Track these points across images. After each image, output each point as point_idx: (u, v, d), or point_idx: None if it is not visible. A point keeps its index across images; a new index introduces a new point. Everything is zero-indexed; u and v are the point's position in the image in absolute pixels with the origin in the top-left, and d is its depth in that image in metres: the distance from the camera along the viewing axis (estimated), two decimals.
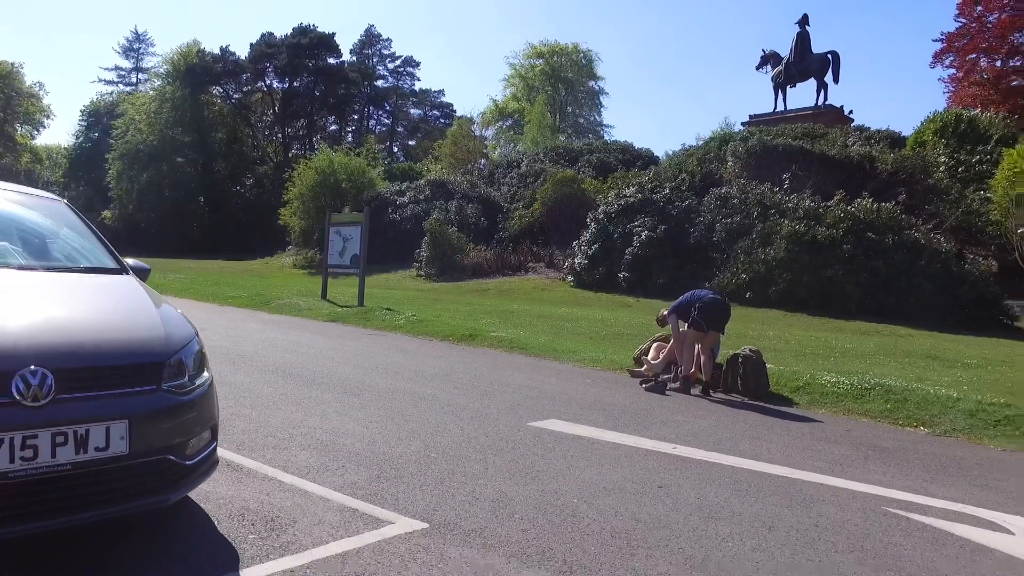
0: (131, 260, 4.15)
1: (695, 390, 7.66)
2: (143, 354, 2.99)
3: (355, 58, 62.94)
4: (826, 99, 28.66)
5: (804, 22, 29.65)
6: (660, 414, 6.53)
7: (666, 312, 8.23)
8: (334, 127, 62.18)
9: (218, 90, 54.12)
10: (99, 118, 54.92)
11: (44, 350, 2.68)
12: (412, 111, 68.36)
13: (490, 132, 57.59)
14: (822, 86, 28.68)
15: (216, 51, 52.75)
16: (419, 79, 68.65)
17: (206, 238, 45.56)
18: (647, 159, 31.93)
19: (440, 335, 11.15)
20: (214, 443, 3.31)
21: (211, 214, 48.98)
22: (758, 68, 31.09)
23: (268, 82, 56.37)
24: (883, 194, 18.47)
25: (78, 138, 57.44)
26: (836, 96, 54.59)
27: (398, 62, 65.98)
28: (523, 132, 50.01)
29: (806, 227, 16.62)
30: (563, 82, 58.51)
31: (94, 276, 3.71)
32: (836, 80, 28.54)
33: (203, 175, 49.46)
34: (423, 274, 23.96)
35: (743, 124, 29.91)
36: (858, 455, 5.45)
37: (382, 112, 66.40)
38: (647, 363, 8.22)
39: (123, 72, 68.20)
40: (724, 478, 4.63)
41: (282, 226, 32.72)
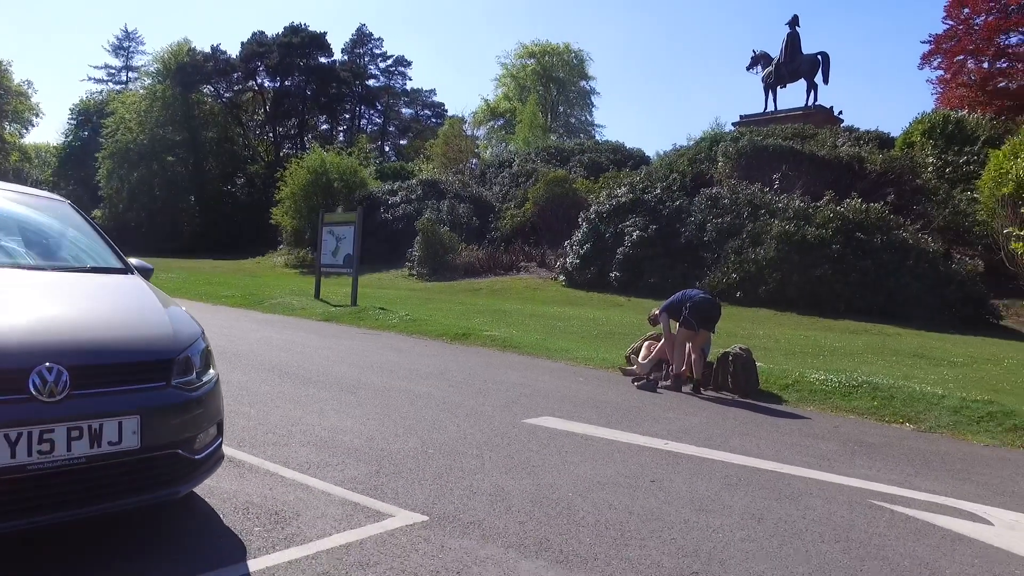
0: (135, 260, 4.23)
1: (686, 388, 7.79)
2: (153, 351, 3.09)
3: (346, 57, 62.72)
4: (816, 100, 28.84)
5: (794, 23, 29.78)
6: (652, 411, 6.65)
7: (657, 311, 8.35)
8: (325, 126, 61.98)
9: (209, 89, 53.84)
10: (89, 117, 54.66)
11: (59, 348, 2.77)
12: (403, 110, 68.16)
13: (481, 132, 57.55)
14: (812, 87, 28.84)
15: (207, 50, 52.52)
16: (410, 78, 68.76)
17: (197, 237, 45.40)
18: (638, 159, 32.02)
19: (434, 334, 11.25)
20: (220, 438, 3.41)
21: (202, 213, 48.77)
22: (748, 68, 31.23)
23: (259, 81, 56.14)
24: (872, 194, 18.64)
25: (67, 137, 57.18)
26: (826, 97, 54.97)
27: (389, 61, 65.84)
28: (515, 132, 50.00)
29: (796, 227, 16.80)
30: (554, 82, 58.53)
31: (102, 276, 3.79)
32: (826, 81, 28.74)
33: (194, 174, 49.20)
34: (415, 274, 24.02)
35: (734, 124, 30.03)
36: (845, 450, 5.58)
37: (373, 111, 66.18)
38: (637, 362, 8.34)
39: (113, 71, 67.88)
40: (715, 472, 4.75)
41: (274, 225, 32.62)
